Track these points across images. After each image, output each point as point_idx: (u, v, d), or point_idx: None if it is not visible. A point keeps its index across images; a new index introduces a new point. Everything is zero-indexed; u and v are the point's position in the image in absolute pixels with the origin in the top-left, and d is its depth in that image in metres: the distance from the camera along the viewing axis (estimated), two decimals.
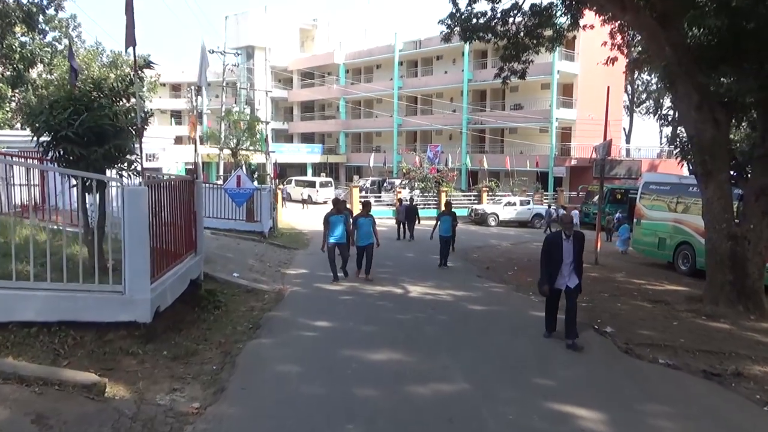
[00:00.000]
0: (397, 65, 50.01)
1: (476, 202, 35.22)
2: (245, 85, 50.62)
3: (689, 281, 15.05)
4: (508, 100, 45.16)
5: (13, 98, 36.88)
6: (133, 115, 8.12)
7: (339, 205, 12.29)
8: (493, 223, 32.03)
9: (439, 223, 15.37)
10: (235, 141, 19.67)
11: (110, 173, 8.12)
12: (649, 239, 18.92)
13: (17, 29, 31.58)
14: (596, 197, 34.67)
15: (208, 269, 11.30)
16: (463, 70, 45.52)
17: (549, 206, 32.56)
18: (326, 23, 60.45)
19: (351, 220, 12.51)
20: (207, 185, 19.33)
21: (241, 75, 47.83)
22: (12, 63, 32.17)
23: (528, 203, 33.84)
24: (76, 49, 38.62)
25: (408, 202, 24.14)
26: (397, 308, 9.55)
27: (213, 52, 29.79)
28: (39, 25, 33.35)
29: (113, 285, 5.94)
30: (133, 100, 8.32)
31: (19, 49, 31.92)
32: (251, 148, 20.06)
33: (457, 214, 18.18)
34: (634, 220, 20.73)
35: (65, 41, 40.44)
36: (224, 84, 30.97)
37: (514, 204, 33.28)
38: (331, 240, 11.77)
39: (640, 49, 19.15)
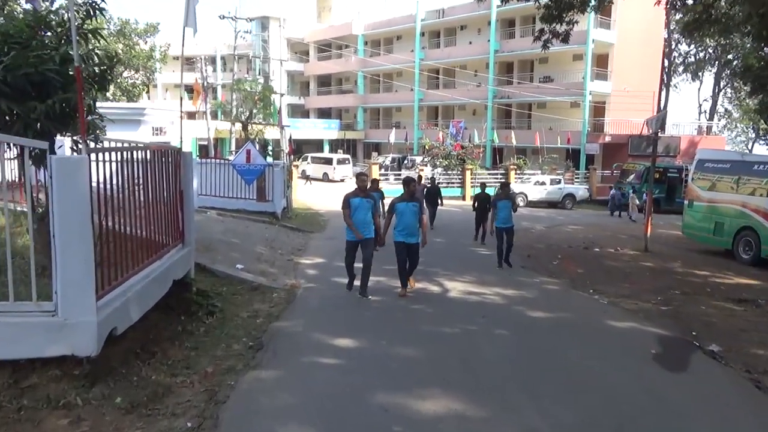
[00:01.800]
0: (419, 35, 47.36)
1: (503, 180, 33.01)
2: (259, 56, 48.42)
3: (756, 272, 13.08)
4: (537, 72, 42.49)
5: None
6: (96, 59, 6.15)
7: (362, 182, 8.65)
8: (521, 204, 30.05)
9: (495, 210, 12.09)
10: (246, 113, 17.61)
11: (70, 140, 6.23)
12: (704, 224, 16.94)
13: None
14: (632, 176, 32.33)
15: (206, 260, 9.42)
16: (489, 41, 42.82)
17: (612, 188, 29.38)
18: None
19: (382, 205, 9.76)
20: (214, 161, 17.48)
21: (256, 46, 45.66)
22: None
23: (559, 182, 31.68)
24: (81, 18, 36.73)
25: (429, 182, 20.66)
26: (439, 316, 7.54)
27: (224, 17, 27.64)
28: None
29: (38, 303, 4.01)
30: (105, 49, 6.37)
31: (21, 16, 30.18)
32: (263, 121, 17.93)
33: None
34: (685, 202, 18.65)
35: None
36: (236, 53, 28.85)
37: (544, 183, 31.20)
38: (349, 236, 8.43)
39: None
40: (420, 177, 21.17)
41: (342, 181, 38.78)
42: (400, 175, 37.20)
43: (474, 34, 45.83)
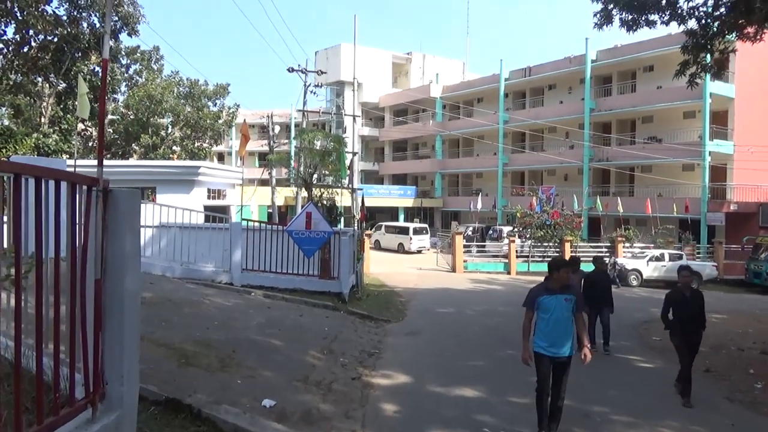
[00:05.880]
0: (503, 96, 43.81)
1: (608, 254, 27.84)
2: (334, 122, 46.34)
3: None
4: (639, 132, 37.65)
5: (86, 131, 34.30)
6: None
7: (566, 275, 5.67)
8: (635, 283, 25.27)
9: None
10: (311, 170, 14.44)
11: None
12: None
13: (93, 58, 28.87)
14: (765, 252, 26.62)
15: (211, 390, 5.42)
16: (582, 99, 38.62)
17: None
18: (420, 56, 55.81)
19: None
20: (266, 226, 13.88)
21: (331, 109, 43.69)
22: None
23: (680, 257, 26.25)
24: (151, 79, 35.76)
25: (595, 264, 11.09)
26: None
27: (292, 70, 25.10)
28: (117, 54, 30.65)
29: None
30: None
31: (88, 77, 29.14)
32: (330, 177, 14.68)
33: (584, 270, 11.47)
34: None
35: (146, 74, 37.94)
36: (304, 108, 26.16)
37: (662, 258, 25.97)
38: (539, 347, 5.65)
39: None
40: (572, 262, 8.75)
41: (419, 252, 34.74)
42: (484, 247, 32.81)
43: (564, 92, 41.87)
